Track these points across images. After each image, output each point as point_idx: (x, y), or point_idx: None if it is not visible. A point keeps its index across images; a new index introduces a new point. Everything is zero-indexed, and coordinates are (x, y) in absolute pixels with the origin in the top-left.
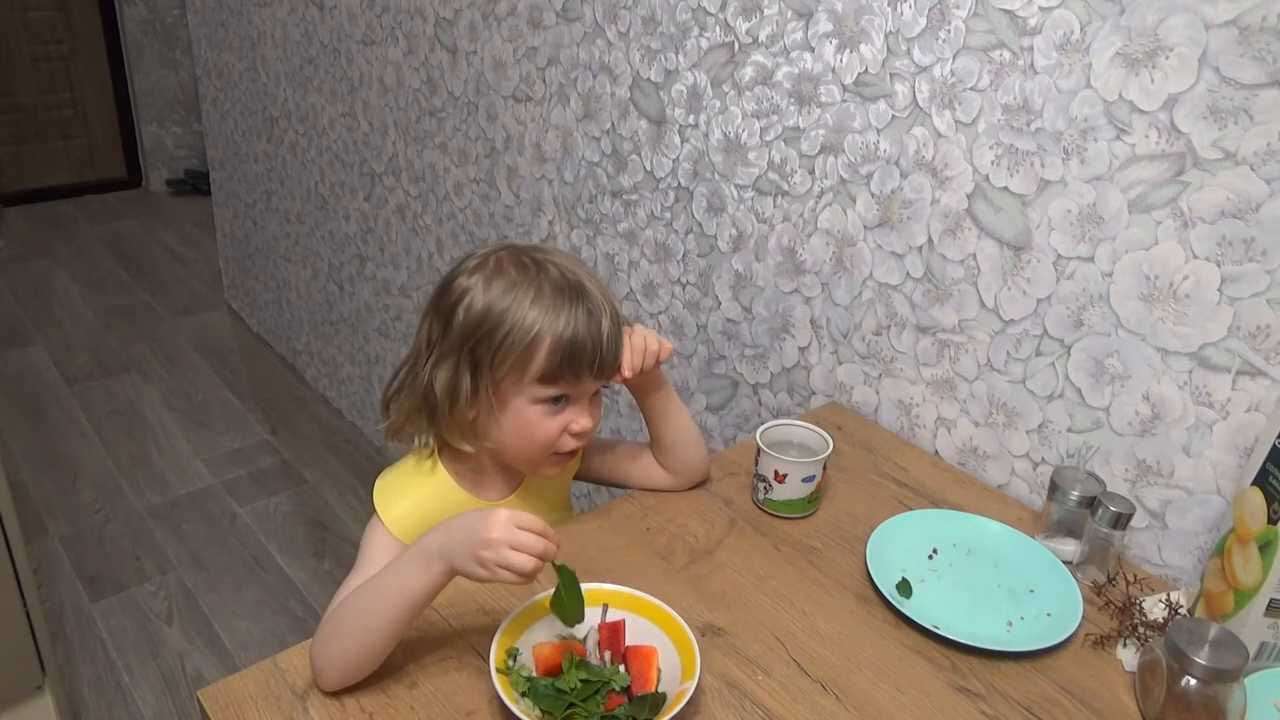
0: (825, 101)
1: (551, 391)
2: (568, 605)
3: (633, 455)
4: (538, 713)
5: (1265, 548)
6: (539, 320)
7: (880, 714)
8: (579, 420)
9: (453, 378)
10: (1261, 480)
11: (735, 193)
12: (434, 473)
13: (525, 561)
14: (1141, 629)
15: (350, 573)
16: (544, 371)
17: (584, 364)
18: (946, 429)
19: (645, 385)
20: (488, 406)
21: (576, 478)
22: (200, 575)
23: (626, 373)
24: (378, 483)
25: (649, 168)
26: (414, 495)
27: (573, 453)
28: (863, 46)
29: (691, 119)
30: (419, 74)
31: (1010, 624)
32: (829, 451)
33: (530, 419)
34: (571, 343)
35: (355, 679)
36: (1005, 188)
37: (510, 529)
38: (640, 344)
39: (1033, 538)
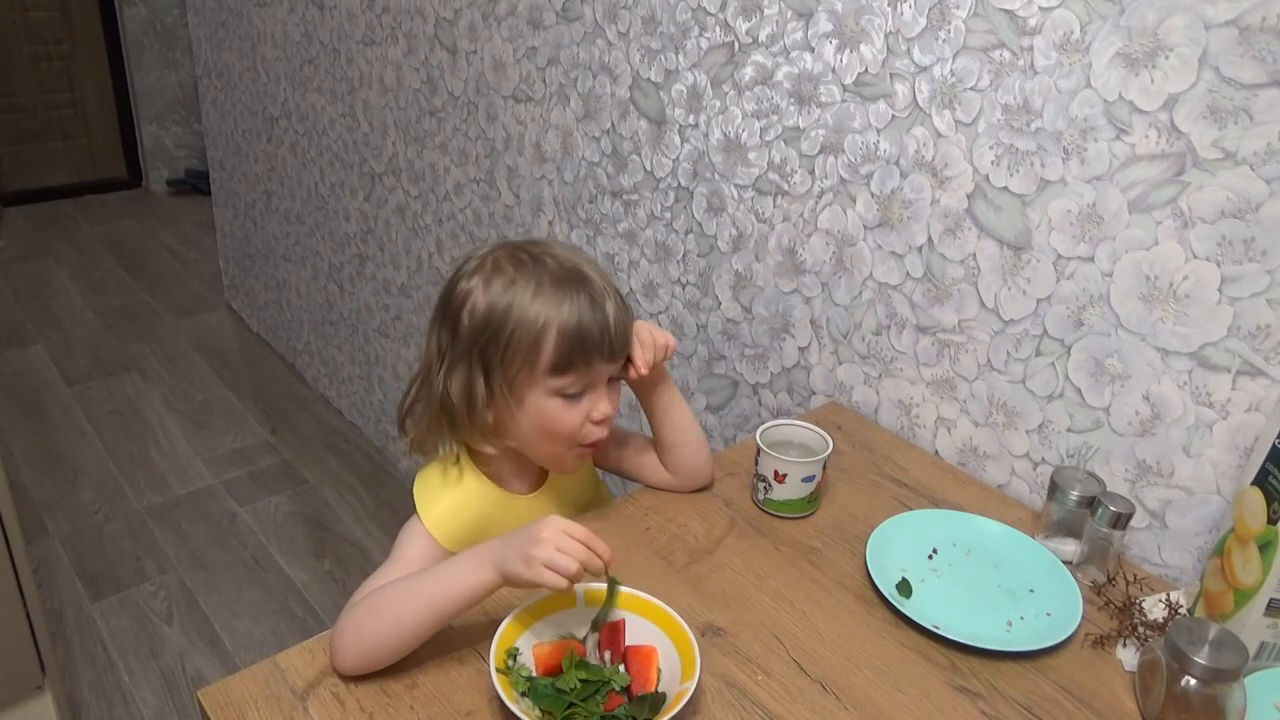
0: (825, 101)
1: (566, 381)
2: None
3: (645, 450)
4: (538, 713)
5: (1265, 548)
6: (542, 312)
7: (880, 714)
8: (598, 406)
9: (467, 382)
10: (1261, 480)
11: (735, 193)
12: (462, 479)
13: (569, 563)
14: (1141, 629)
15: (381, 566)
16: (555, 362)
17: (593, 349)
18: (946, 429)
19: (650, 381)
20: (505, 406)
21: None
22: (200, 575)
23: (643, 370)
24: (417, 484)
25: (649, 168)
26: (450, 497)
27: (596, 444)
28: (863, 46)
29: (691, 119)
30: (419, 74)
31: (1010, 624)
32: (829, 451)
33: (550, 412)
34: (578, 329)
35: (376, 666)
36: (1005, 188)
37: (559, 533)
38: (649, 339)
39: (1033, 538)
